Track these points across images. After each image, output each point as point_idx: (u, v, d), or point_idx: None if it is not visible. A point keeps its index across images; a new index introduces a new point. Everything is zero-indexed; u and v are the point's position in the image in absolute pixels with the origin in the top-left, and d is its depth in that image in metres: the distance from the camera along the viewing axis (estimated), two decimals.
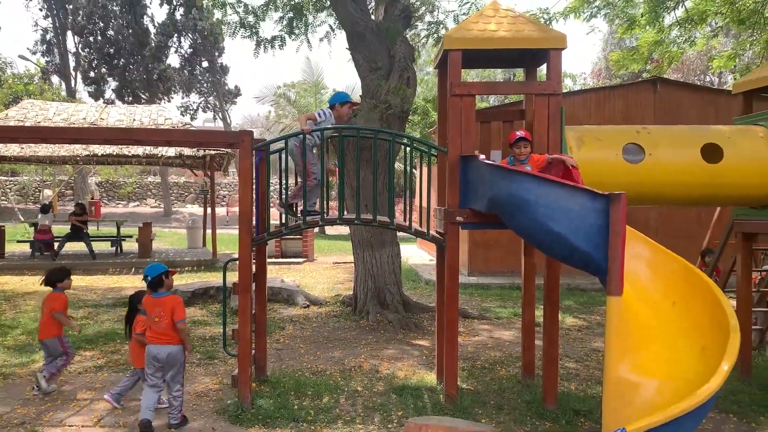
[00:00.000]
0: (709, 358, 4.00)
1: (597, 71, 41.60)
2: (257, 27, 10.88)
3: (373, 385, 6.49)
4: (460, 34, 5.79)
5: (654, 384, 4.05)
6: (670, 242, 5.17)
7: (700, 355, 4.12)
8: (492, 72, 34.25)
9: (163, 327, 5.24)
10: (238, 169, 5.79)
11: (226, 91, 43.27)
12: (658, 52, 14.03)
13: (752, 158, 5.87)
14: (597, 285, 12.33)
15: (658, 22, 12.91)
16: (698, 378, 3.85)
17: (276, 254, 17.90)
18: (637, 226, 5.07)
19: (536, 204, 4.48)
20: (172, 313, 5.23)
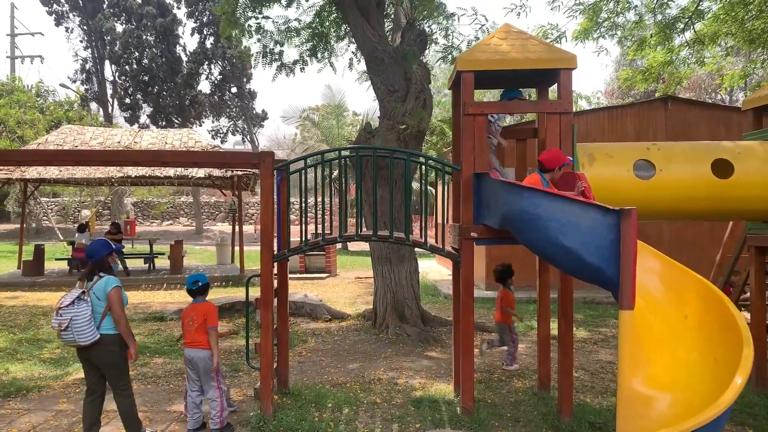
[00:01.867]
0: (722, 370, 4.08)
1: (610, 91, 41.73)
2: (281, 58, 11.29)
3: (391, 397, 6.65)
4: (472, 56, 6.00)
5: (667, 397, 4.14)
6: (682, 255, 5.29)
7: (713, 368, 4.20)
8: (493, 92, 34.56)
9: (194, 331, 5.51)
10: (260, 188, 6.03)
11: (254, 114, 44.55)
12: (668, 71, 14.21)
13: (762, 173, 5.95)
14: (611, 298, 12.33)
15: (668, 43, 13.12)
16: (711, 391, 3.93)
17: (300, 270, 18.25)
18: (650, 239, 5.20)
19: (547, 219, 4.61)
20: (205, 319, 5.50)
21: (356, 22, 9.70)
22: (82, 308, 4.90)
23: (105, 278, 5.09)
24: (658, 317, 4.75)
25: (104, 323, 5.03)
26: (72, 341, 4.91)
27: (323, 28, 11.57)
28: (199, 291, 5.70)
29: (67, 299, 4.91)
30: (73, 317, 4.84)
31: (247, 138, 45.95)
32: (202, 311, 5.55)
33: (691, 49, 14.06)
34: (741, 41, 13.96)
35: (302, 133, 34.56)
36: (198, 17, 39.84)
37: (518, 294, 13.60)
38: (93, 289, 5.04)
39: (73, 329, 4.85)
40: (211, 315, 5.54)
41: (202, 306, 5.61)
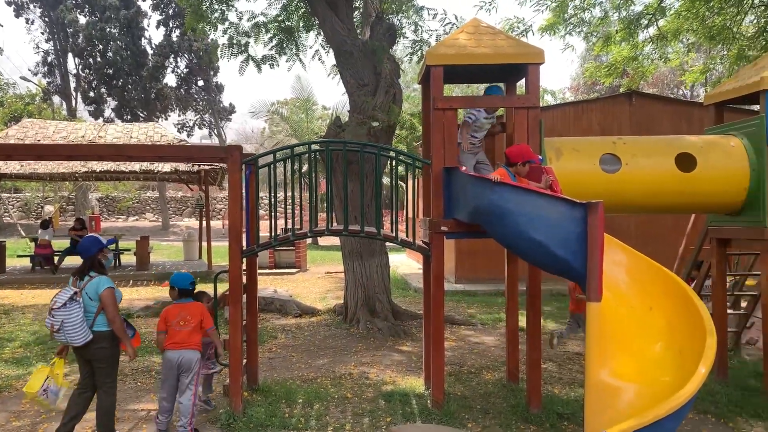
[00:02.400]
0: (686, 360, 4.18)
1: (575, 86, 42.38)
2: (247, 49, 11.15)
3: (362, 391, 6.65)
4: (441, 50, 6.01)
5: (634, 387, 4.22)
6: (647, 248, 5.39)
7: (678, 358, 4.30)
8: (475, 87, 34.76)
9: (187, 332, 5.30)
10: (228, 182, 5.96)
11: (221, 108, 44.10)
12: (632, 66, 14.51)
13: (724, 167, 6.10)
14: None
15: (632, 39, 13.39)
16: (676, 381, 4.03)
17: (270, 265, 18.10)
18: (618, 232, 5.28)
19: (517, 213, 4.66)
20: (201, 319, 5.38)
21: (325, 15, 9.63)
22: (74, 310, 4.86)
23: (97, 278, 5.03)
24: (624, 309, 4.83)
25: (98, 320, 5.00)
26: (65, 342, 4.94)
27: (291, 22, 11.47)
28: (192, 291, 5.60)
29: (59, 300, 4.88)
30: (65, 320, 4.82)
31: (214, 132, 45.51)
32: (197, 312, 5.39)
33: (654, 45, 14.36)
34: (702, 38, 14.30)
35: (271, 127, 34.32)
36: (164, 9, 39.21)
37: (486, 287, 13.81)
38: (85, 289, 4.99)
39: (65, 331, 4.83)
40: (207, 316, 5.45)
41: (194, 307, 5.43)
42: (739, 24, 14.14)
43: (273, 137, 32.87)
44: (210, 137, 48.18)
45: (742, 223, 6.35)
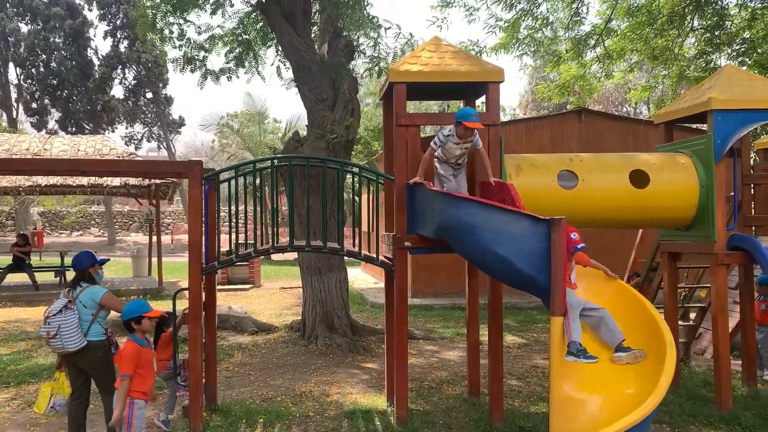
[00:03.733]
0: (646, 372, 4.30)
1: (525, 103, 43.39)
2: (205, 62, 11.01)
3: (324, 409, 6.58)
4: (404, 67, 6.07)
5: (597, 400, 4.31)
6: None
7: (639, 370, 4.42)
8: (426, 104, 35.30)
9: None
10: (188, 198, 5.84)
11: (171, 121, 43.24)
12: (580, 85, 15.02)
13: (675, 183, 6.34)
14: (533, 303, 12.79)
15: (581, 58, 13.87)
16: (637, 392, 4.13)
17: (222, 281, 17.71)
18: None
19: (482, 229, 4.70)
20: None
21: (282, 29, 9.60)
22: (69, 316, 5.07)
23: (90, 288, 5.25)
24: None
25: (91, 330, 5.18)
26: (60, 348, 5.07)
27: (248, 35, 11.39)
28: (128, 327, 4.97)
29: (55, 308, 5.09)
30: (61, 325, 5.02)
31: (162, 145, 44.52)
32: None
33: (601, 64, 14.88)
34: (645, 57, 14.90)
35: (221, 140, 33.81)
36: (111, 20, 38.31)
37: (443, 300, 13.89)
38: (79, 298, 5.18)
39: (62, 336, 5.02)
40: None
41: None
42: (680, 45, 14.80)
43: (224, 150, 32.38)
44: (158, 150, 47.18)
45: (692, 238, 6.60)
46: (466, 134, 5.68)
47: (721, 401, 6.24)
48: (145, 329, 4.87)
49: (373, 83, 22.48)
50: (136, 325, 4.81)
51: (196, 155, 46.88)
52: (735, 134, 6.12)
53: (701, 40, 14.67)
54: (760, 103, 6.18)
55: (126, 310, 4.87)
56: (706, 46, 14.44)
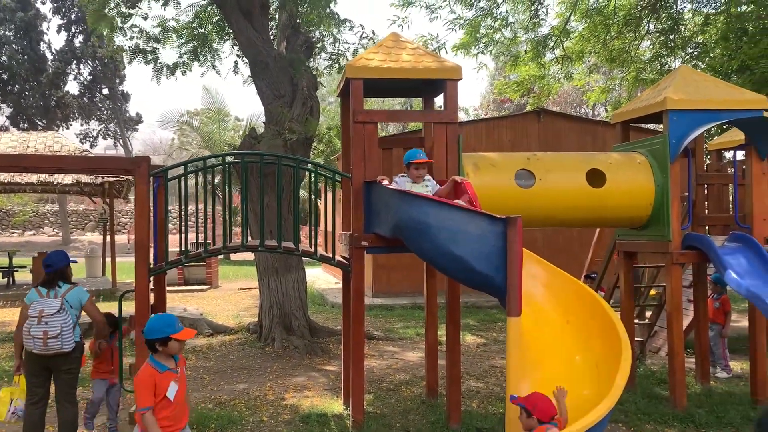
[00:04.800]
0: (602, 373, 4.26)
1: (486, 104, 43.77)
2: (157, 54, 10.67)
3: (278, 414, 6.40)
4: (361, 63, 5.94)
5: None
6: (554, 260, 5.49)
7: (595, 371, 4.38)
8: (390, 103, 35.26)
9: None
10: (135, 196, 5.61)
11: (127, 118, 42.22)
12: (539, 85, 15.18)
13: (631, 183, 6.37)
14: (493, 302, 12.77)
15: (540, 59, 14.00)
16: (594, 393, 4.09)
17: (178, 281, 17.31)
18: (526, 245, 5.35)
19: (438, 228, 4.61)
20: None
21: (239, 24, 9.37)
22: (67, 317, 5.03)
23: (77, 289, 5.23)
24: (543, 323, 4.90)
25: (75, 331, 5.13)
26: (58, 348, 4.97)
27: (204, 29, 11.10)
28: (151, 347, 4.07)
29: (49, 308, 4.98)
30: (63, 325, 4.97)
31: (119, 142, 43.51)
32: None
33: (560, 65, 15.03)
34: (603, 59, 15.11)
35: (181, 138, 33.12)
36: (65, 14, 37.22)
37: (404, 300, 13.82)
38: (66, 298, 5.10)
39: (63, 337, 4.96)
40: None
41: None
42: (636, 48, 15.05)
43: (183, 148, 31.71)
44: (115, 148, 46.05)
45: (648, 237, 6.64)
46: (419, 173, 5.56)
47: (675, 399, 6.29)
48: (172, 352, 3.96)
49: (336, 81, 22.28)
50: (161, 346, 3.91)
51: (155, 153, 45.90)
52: (689, 134, 6.17)
53: (656, 44, 14.93)
54: (714, 103, 6.25)
55: (152, 328, 3.96)
56: (661, 49, 14.69)
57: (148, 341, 3.92)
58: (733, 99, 6.33)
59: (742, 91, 6.65)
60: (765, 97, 6.51)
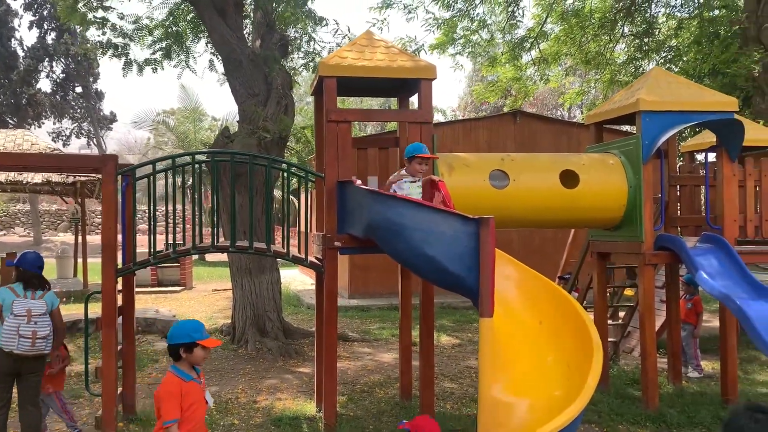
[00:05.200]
0: (574, 374, 4.23)
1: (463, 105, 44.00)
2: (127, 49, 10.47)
3: (250, 417, 6.30)
4: (335, 61, 5.87)
5: (526, 403, 4.22)
6: (529, 261, 5.47)
7: (567, 372, 4.35)
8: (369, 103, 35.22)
9: None
10: (102, 195, 5.48)
11: (102, 117, 41.52)
12: (516, 87, 15.29)
13: (604, 184, 6.38)
14: (469, 303, 12.75)
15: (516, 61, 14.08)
16: (566, 394, 4.05)
17: (152, 283, 17.05)
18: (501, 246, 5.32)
19: (411, 229, 4.57)
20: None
21: (213, 22, 9.24)
22: (49, 319, 5.07)
23: (50, 293, 5.19)
24: (515, 324, 4.86)
25: None
26: (42, 350, 4.99)
27: (178, 27, 10.93)
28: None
29: (37, 308, 4.98)
30: (50, 327, 5.02)
31: (93, 141, 42.82)
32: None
33: (536, 67, 15.13)
34: (578, 62, 15.24)
35: (156, 138, 32.72)
36: (37, 10, 36.50)
37: (380, 301, 13.76)
38: (45, 299, 5.10)
39: (48, 339, 5.00)
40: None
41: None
42: (611, 51, 15.21)
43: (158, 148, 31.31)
44: (89, 147, 45.35)
45: (621, 238, 6.66)
46: (421, 168, 5.37)
47: (648, 400, 6.31)
48: (196, 361, 3.65)
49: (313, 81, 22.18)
50: (185, 353, 3.59)
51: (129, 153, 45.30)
52: (662, 135, 6.20)
53: (631, 47, 15.10)
54: (686, 105, 6.30)
55: (177, 332, 3.64)
56: (635, 52, 14.86)
57: (172, 347, 3.61)
58: (705, 101, 6.39)
59: (714, 93, 6.72)
60: (735, 99, 6.58)
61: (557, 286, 4.99)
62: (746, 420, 1.77)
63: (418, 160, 5.35)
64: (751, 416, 1.78)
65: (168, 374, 3.61)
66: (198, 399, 3.66)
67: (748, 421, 1.77)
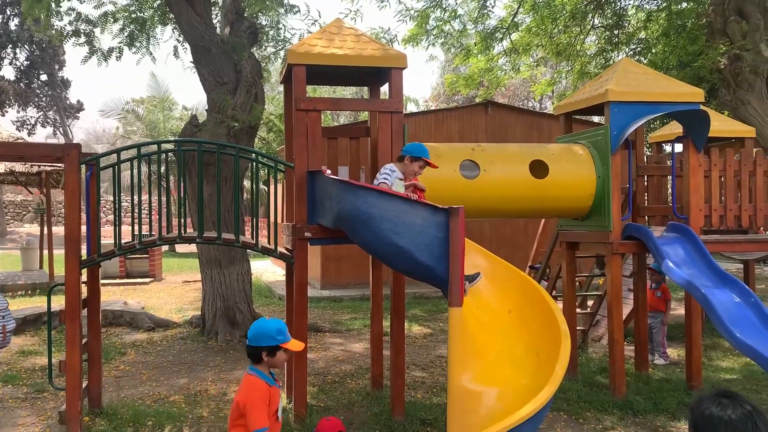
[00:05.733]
0: (543, 362, 4.27)
1: (436, 95, 44.05)
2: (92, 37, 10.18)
3: (220, 409, 6.24)
4: (304, 49, 5.79)
5: (495, 392, 4.24)
6: (500, 251, 5.50)
7: (535, 361, 4.38)
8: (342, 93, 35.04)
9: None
10: (65, 185, 5.34)
11: (68, 105, 40.56)
12: (488, 78, 15.35)
13: (574, 173, 6.43)
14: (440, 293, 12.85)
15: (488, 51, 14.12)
16: (535, 383, 4.08)
17: (120, 274, 16.77)
18: (473, 236, 5.33)
19: (380, 219, 4.54)
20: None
21: (180, 8, 9.05)
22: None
23: None
24: (484, 313, 4.88)
25: None
26: (7, 344, 5.15)
27: (143, 13, 10.69)
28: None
29: (2, 302, 5.03)
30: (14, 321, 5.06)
31: (60, 130, 41.89)
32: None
33: (508, 58, 15.18)
34: (549, 53, 15.34)
35: (125, 127, 32.12)
36: None
37: (353, 292, 13.74)
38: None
39: (10, 334, 5.09)
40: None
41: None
42: (582, 42, 15.32)
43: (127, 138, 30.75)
44: (55, 136, 44.39)
45: (589, 228, 6.73)
46: (419, 172, 5.23)
47: (615, 387, 6.40)
48: (277, 365, 3.46)
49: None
50: (268, 356, 3.36)
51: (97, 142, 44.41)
52: (630, 126, 6.26)
53: (601, 38, 15.23)
54: (654, 96, 6.36)
55: (260, 332, 3.36)
56: (605, 44, 14.99)
57: (255, 349, 3.35)
58: (672, 92, 6.46)
59: (681, 85, 6.80)
60: (701, 90, 6.67)
61: (526, 276, 5.03)
62: (711, 404, 1.80)
63: (422, 163, 5.22)
64: (716, 401, 1.81)
65: (252, 378, 3.35)
66: (276, 408, 3.44)
67: (713, 406, 1.79)
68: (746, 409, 1.77)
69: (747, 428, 1.73)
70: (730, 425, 1.74)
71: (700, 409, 1.82)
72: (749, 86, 11.32)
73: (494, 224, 14.99)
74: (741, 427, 1.73)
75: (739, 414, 1.76)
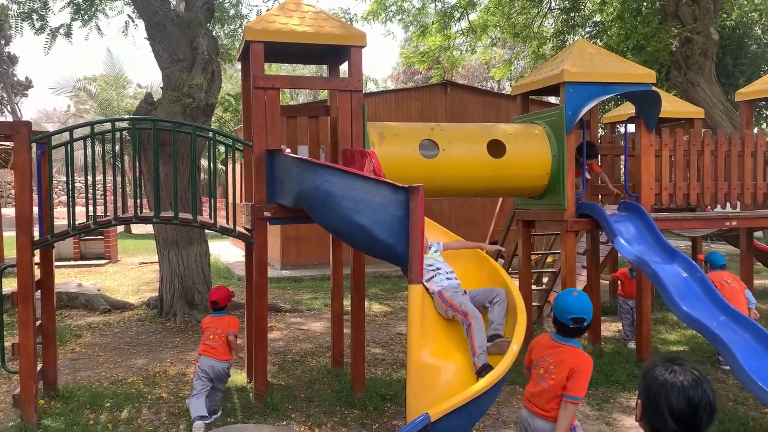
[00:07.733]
0: None
1: (396, 75, 44.00)
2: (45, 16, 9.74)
3: (179, 390, 6.21)
4: (261, 26, 5.71)
5: (453, 366, 4.34)
6: (459, 230, 5.59)
7: None
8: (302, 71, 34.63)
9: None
10: (14, 164, 5.18)
11: (15, 82, 39.03)
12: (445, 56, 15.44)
13: (530, 153, 6.55)
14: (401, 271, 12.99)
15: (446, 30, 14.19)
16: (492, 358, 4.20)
17: (74, 256, 16.38)
18: (434, 215, 5.41)
19: (341, 197, 4.54)
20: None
21: None
22: None
23: None
24: None
25: None
26: None
27: None
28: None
29: None
30: None
31: (7, 108, 40.37)
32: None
33: (465, 38, 15.27)
34: (507, 34, 15.48)
35: (77, 106, 31.15)
36: None
37: (313, 272, 13.74)
38: None
39: None
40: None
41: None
42: (540, 25, 15.50)
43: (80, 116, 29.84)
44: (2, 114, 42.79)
45: (545, 206, 6.88)
46: None
47: None
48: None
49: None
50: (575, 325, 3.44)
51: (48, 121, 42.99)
52: (584, 106, 6.39)
53: (558, 21, 15.42)
54: (608, 76, 6.50)
55: (573, 305, 3.43)
56: (562, 26, 15.20)
57: (564, 320, 3.45)
58: (625, 73, 6.61)
59: (634, 66, 6.96)
60: (653, 71, 6.84)
61: (484, 254, 5.13)
62: (663, 370, 1.91)
63: None
64: (668, 367, 1.91)
65: (580, 351, 3.46)
66: None
67: (665, 371, 1.90)
68: (695, 375, 1.88)
69: (696, 393, 1.84)
70: (681, 389, 1.85)
71: (654, 374, 1.92)
72: (699, 68, 11.67)
73: (454, 203, 15.16)
74: (691, 391, 1.84)
75: (689, 379, 1.87)
